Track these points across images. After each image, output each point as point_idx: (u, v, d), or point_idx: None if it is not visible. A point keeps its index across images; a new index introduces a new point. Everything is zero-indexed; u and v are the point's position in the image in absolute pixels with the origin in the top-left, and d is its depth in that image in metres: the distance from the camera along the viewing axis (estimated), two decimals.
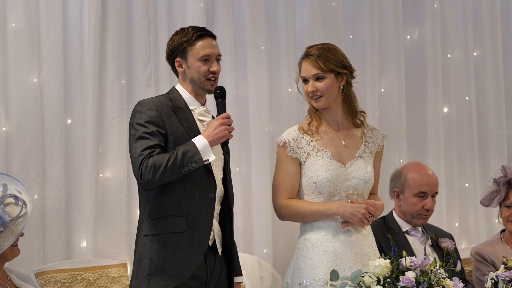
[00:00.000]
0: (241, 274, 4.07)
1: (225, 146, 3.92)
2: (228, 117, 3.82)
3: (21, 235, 3.82)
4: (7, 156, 4.69)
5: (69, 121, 4.91)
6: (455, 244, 4.92)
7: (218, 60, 3.91)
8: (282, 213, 4.10)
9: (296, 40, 5.50)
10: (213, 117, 3.99)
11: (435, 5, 5.91)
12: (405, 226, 4.84)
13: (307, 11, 5.54)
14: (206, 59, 3.86)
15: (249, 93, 5.36)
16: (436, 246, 4.87)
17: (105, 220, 4.89)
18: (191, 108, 3.90)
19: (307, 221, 4.07)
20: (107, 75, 4.94)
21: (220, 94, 3.87)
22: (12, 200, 3.80)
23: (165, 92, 3.99)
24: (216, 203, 3.85)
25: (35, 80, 4.78)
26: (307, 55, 4.09)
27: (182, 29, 3.92)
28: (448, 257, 4.73)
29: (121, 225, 4.90)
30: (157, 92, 5.02)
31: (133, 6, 5.06)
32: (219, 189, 3.89)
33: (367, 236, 4.09)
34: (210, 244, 3.85)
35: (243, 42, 5.36)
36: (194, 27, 3.91)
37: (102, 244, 4.86)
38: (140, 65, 5.06)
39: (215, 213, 3.86)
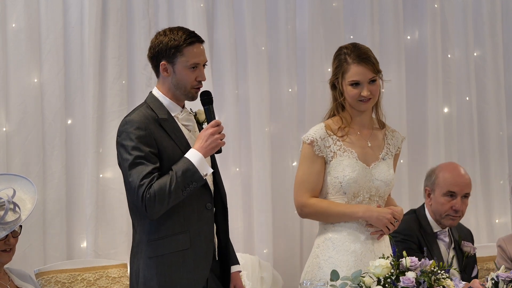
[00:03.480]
0: (238, 263, 3.96)
1: (218, 153, 3.77)
2: (219, 124, 3.70)
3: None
4: (8, 156, 4.70)
5: (69, 122, 4.91)
6: (476, 249, 4.86)
7: (204, 66, 3.77)
8: (304, 211, 4.08)
9: (297, 40, 5.50)
10: (195, 114, 3.89)
11: (436, 5, 5.91)
12: (435, 228, 4.77)
13: (307, 11, 5.54)
14: (194, 67, 3.71)
15: (250, 93, 5.36)
16: (458, 248, 4.82)
17: (105, 221, 4.89)
18: (173, 114, 3.75)
19: (330, 222, 4.06)
20: (107, 75, 4.94)
21: (207, 100, 3.75)
22: (11, 206, 3.82)
23: (144, 101, 3.80)
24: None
25: (36, 80, 4.79)
26: (362, 58, 4.02)
27: (171, 30, 3.72)
28: (467, 261, 4.71)
29: (121, 225, 4.90)
30: None
31: (134, 6, 5.06)
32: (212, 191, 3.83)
33: (384, 237, 4.10)
34: None
35: (243, 42, 5.36)
36: (184, 31, 3.72)
37: (102, 244, 4.86)
38: (140, 65, 5.05)
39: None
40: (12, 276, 4.02)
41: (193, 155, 3.65)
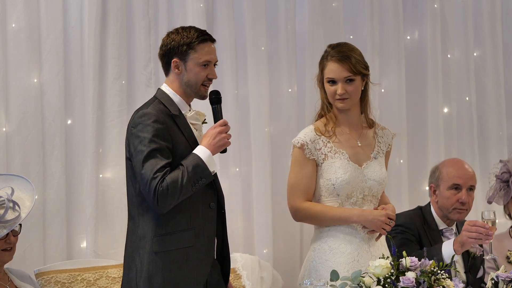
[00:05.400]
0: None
1: (223, 153, 3.84)
2: (226, 124, 3.78)
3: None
4: (7, 156, 4.70)
5: (69, 122, 4.91)
6: (483, 251, 4.85)
7: (214, 65, 3.84)
8: (298, 216, 4.08)
9: (296, 40, 5.50)
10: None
11: (435, 5, 5.91)
12: (440, 225, 4.76)
13: (307, 11, 5.54)
14: (205, 65, 3.78)
15: (249, 93, 5.36)
16: None
17: (105, 221, 4.89)
18: (183, 112, 3.80)
19: (324, 225, 4.06)
20: (107, 76, 4.94)
21: (216, 100, 3.82)
22: (11, 204, 3.83)
23: (153, 96, 3.85)
24: None
25: (35, 80, 4.78)
26: (336, 55, 4.04)
27: (184, 29, 3.81)
28: (473, 262, 4.70)
29: (121, 225, 4.90)
30: None
31: (133, 6, 5.06)
32: None
33: (380, 237, 4.11)
34: None
35: (243, 42, 5.36)
36: (196, 29, 3.81)
37: (102, 244, 4.86)
38: (140, 65, 5.06)
39: None
40: (12, 276, 4.03)
41: (202, 152, 3.70)
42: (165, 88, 3.83)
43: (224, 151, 3.81)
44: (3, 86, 4.70)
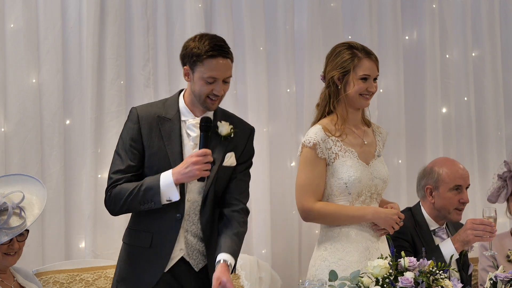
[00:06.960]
0: (227, 251, 3.80)
1: (200, 182, 3.75)
2: (206, 154, 3.65)
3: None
4: (6, 156, 4.70)
5: (68, 122, 4.91)
6: (473, 247, 4.86)
7: (225, 82, 3.74)
8: (311, 216, 4.07)
9: (295, 40, 5.50)
10: (217, 127, 3.85)
11: (434, 6, 5.92)
12: (432, 225, 4.77)
13: (306, 11, 5.54)
14: (211, 82, 3.70)
15: (248, 93, 5.36)
16: None
17: (104, 221, 4.89)
18: (183, 119, 3.78)
19: (337, 225, 4.05)
20: (106, 76, 4.94)
21: (205, 127, 3.72)
22: (17, 211, 3.83)
23: (170, 95, 3.94)
24: (186, 221, 3.78)
25: (34, 81, 4.78)
26: (371, 54, 4.13)
27: (201, 38, 3.72)
28: (464, 259, 4.71)
29: (120, 225, 4.89)
30: (156, 92, 5.03)
31: (132, 7, 5.06)
32: (194, 201, 3.79)
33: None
34: (178, 259, 3.79)
35: (242, 42, 5.36)
36: (211, 41, 3.70)
37: (101, 244, 4.86)
38: (139, 65, 5.05)
39: (193, 230, 3.80)
40: (17, 275, 4.04)
41: (165, 177, 3.68)
42: (183, 92, 3.87)
43: (202, 179, 3.71)
44: (1, 87, 4.70)
